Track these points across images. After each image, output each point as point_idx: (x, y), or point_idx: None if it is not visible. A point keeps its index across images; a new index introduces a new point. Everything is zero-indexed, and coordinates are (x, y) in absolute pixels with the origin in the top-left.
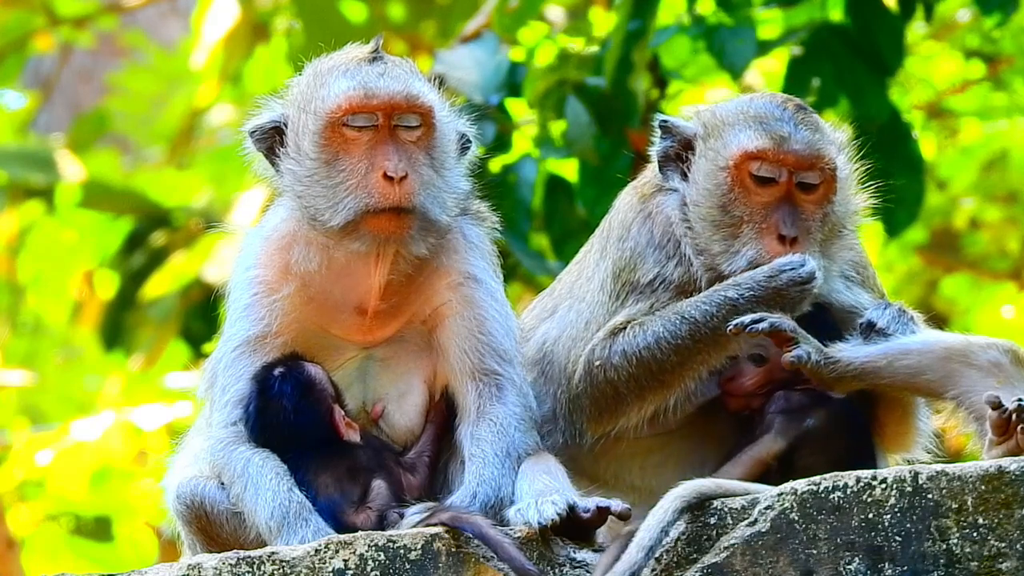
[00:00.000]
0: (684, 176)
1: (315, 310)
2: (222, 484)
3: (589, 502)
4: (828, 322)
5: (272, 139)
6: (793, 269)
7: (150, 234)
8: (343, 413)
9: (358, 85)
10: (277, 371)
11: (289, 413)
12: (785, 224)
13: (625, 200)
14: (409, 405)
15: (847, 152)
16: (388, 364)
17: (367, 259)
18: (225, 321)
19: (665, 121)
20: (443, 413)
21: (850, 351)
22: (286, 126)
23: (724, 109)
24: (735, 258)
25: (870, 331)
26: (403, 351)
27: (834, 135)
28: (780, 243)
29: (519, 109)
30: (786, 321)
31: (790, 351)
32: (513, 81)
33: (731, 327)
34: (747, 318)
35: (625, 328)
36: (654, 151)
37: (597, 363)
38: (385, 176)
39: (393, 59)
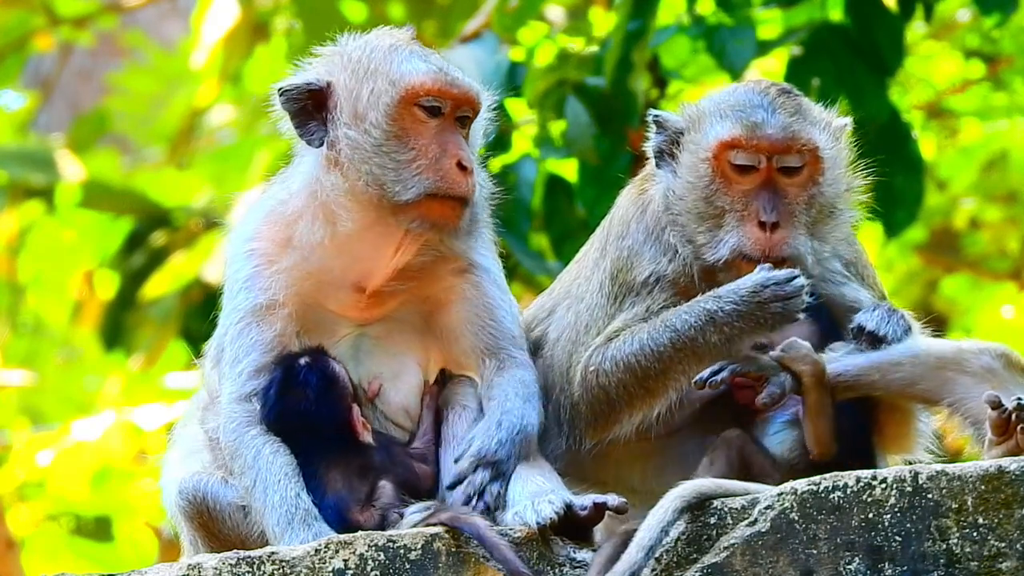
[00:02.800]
0: (676, 170)
1: (313, 284)
2: (225, 480)
3: (586, 499)
4: (825, 321)
5: (306, 101)
6: (777, 284)
7: (150, 234)
8: (360, 413)
9: (439, 69)
10: (303, 360)
11: (311, 403)
12: (765, 210)
13: (625, 197)
14: (405, 385)
15: (835, 133)
16: (381, 343)
17: (384, 240)
18: (225, 294)
19: (657, 116)
20: (437, 398)
21: (840, 364)
22: (329, 91)
23: (707, 101)
24: (718, 246)
25: (861, 335)
26: (396, 331)
27: (819, 115)
28: (760, 229)
29: (519, 109)
30: (749, 363)
31: (762, 391)
32: (513, 81)
33: (696, 382)
34: (707, 372)
35: (619, 335)
36: (649, 146)
37: (592, 369)
38: (459, 165)
39: (436, 52)
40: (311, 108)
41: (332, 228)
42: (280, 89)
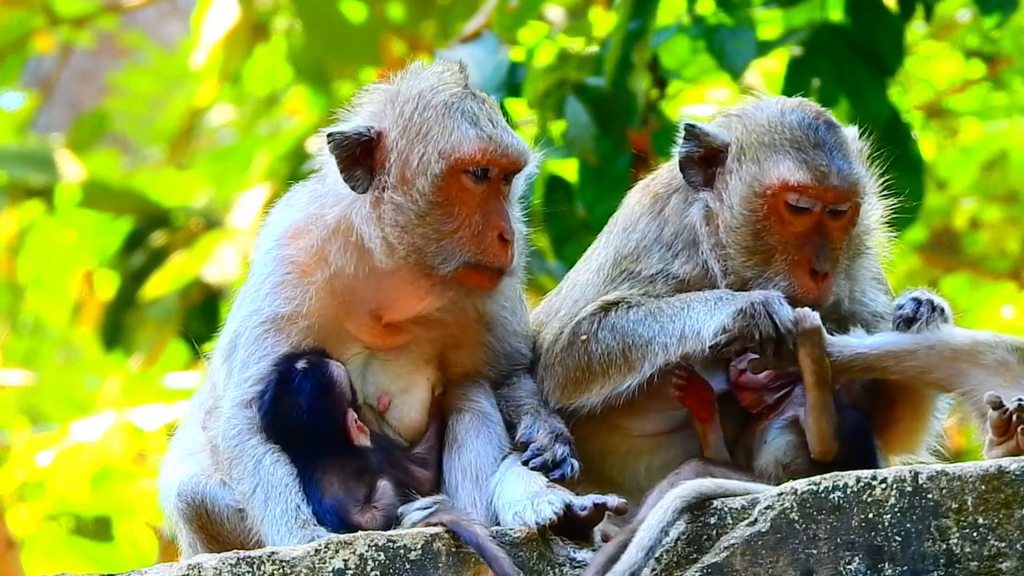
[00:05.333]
0: (706, 183)
1: (337, 302)
2: (223, 482)
3: (586, 500)
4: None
5: (355, 148)
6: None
7: (150, 234)
8: (356, 417)
9: (490, 137)
10: (300, 365)
11: (303, 411)
12: (818, 259)
13: (635, 198)
14: (414, 400)
15: (864, 159)
16: (388, 365)
17: (413, 288)
18: (247, 291)
19: (693, 126)
20: (440, 408)
21: (856, 347)
22: (379, 141)
23: (756, 124)
24: (766, 285)
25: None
26: (406, 356)
27: (854, 146)
28: (812, 278)
29: (519, 109)
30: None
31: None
32: (513, 81)
33: (711, 345)
34: (723, 338)
35: (618, 304)
36: (677, 152)
37: (583, 336)
38: (501, 238)
39: (487, 98)
40: (359, 155)
41: (365, 262)
42: (330, 135)
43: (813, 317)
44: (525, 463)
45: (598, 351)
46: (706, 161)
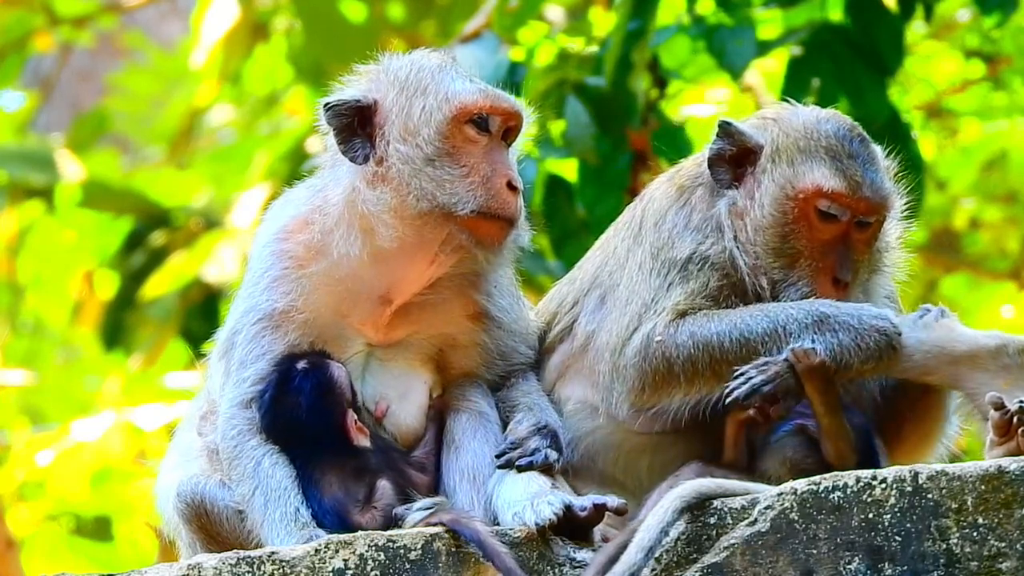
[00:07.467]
0: (733, 182)
1: (339, 293)
2: (223, 482)
3: (585, 500)
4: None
5: (352, 117)
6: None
7: (150, 234)
8: (355, 418)
9: (486, 88)
10: (300, 365)
11: (302, 411)
12: (842, 268)
13: (660, 190)
14: (412, 405)
15: (892, 177)
16: (388, 365)
17: (421, 253)
18: (245, 288)
19: (728, 124)
20: (439, 411)
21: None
22: (376, 108)
23: (792, 129)
24: (789, 289)
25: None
26: (403, 356)
27: (884, 163)
28: (834, 287)
29: None
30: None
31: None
32: (513, 81)
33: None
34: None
35: (695, 312)
36: (709, 148)
37: (658, 339)
38: (509, 185)
39: None
40: (356, 125)
41: (370, 241)
42: (327, 104)
43: (813, 354)
44: (498, 456)
45: (682, 358)
46: (736, 160)
